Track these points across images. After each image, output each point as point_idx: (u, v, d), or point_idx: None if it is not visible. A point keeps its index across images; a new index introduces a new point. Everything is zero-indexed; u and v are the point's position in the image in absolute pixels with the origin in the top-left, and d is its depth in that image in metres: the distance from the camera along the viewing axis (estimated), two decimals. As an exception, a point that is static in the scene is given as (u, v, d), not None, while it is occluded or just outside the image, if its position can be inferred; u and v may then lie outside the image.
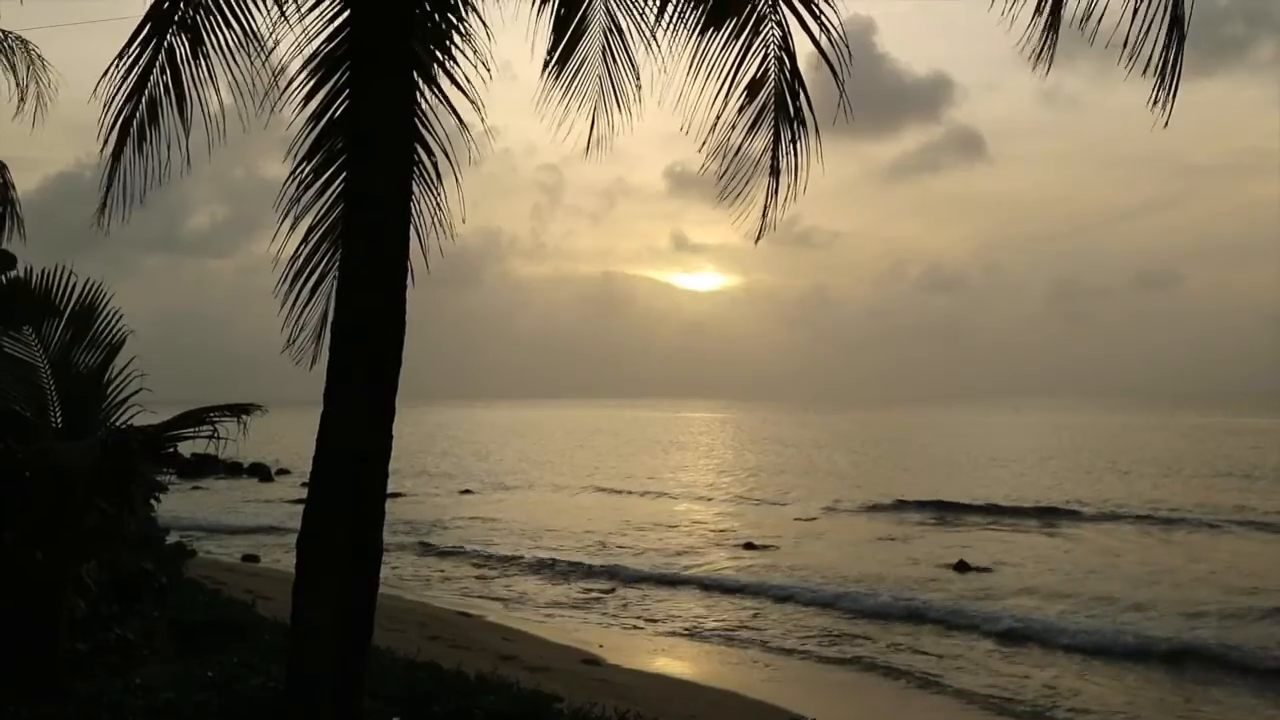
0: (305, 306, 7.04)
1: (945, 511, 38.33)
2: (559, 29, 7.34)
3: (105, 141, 6.76)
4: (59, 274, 9.10)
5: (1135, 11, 5.27)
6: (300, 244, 6.95)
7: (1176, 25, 5.24)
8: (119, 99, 6.70)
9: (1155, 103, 5.30)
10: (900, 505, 40.20)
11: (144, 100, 6.78)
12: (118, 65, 6.64)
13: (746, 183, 7.05)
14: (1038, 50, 5.55)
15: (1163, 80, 5.28)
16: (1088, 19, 5.38)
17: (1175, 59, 5.27)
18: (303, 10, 6.69)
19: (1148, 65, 5.27)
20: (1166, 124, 5.30)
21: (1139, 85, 5.31)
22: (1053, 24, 5.49)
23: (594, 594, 23.67)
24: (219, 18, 6.70)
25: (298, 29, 6.73)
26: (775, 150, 7.00)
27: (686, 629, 20.18)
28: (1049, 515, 37.22)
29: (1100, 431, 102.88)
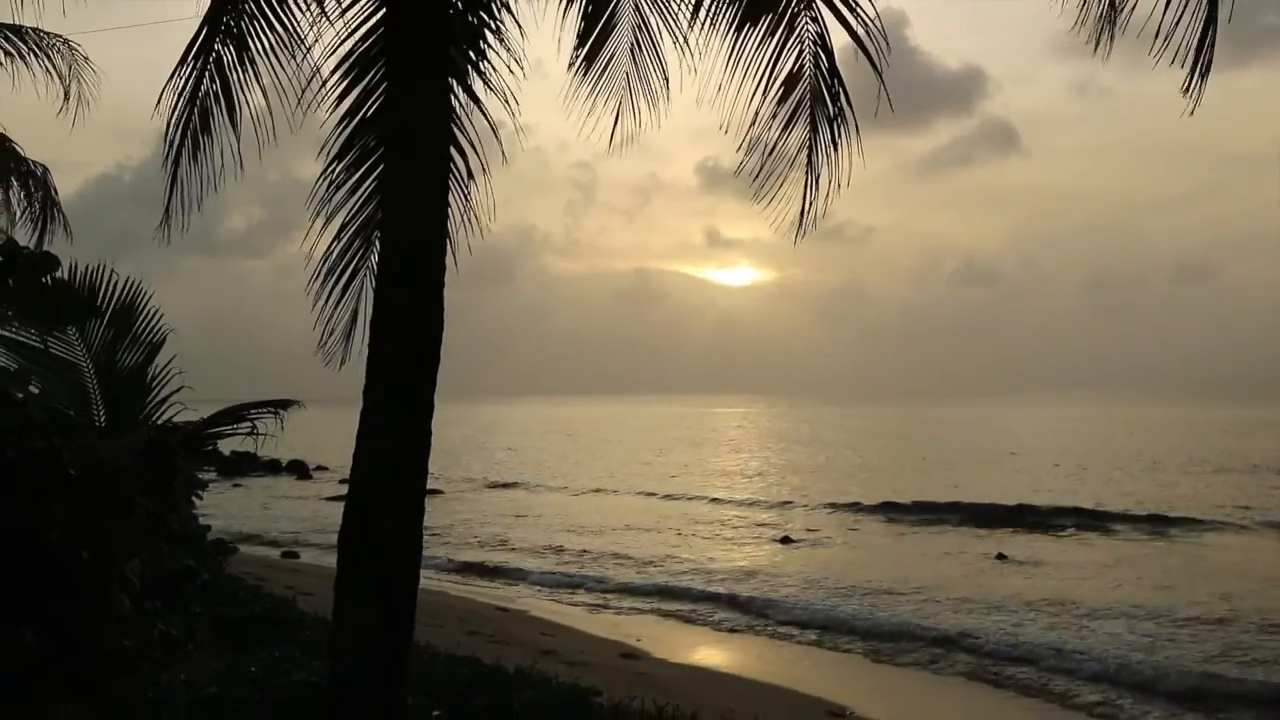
0: (337, 305, 7.04)
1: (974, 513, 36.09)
2: (587, 26, 7.35)
3: (167, 152, 6.86)
4: (100, 273, 9.20)
5: (1169, 2, 5.24)
6: (332, 242, 6.96)
7: (1212, 13, 5.20)
8: (179, 109, 6.79)
9: (1186, 90, 5.28)
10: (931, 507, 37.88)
11: (197, 109, 6.87)
12: (178, 75, 6.72)
13: (783, 180, 7.00)
14: (1094, 34, 5.50)
15: (1194, 68, 5.25)
16: (1122, 7, 5.35)
17: (1209, 47, 5.24)
18: (344, 5, 6.74)
19: (1176, 54, 5.25)
20: (1193, 112, 5.29)
21: (1173, 76, 5.30)
22: (1112, 10, 5.45)
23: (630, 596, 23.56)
24: (262, 22, 6.76)
25: (331, 30, 6.78)
26: (813, 146, 6.95)
27: (726, 624, 20.17)
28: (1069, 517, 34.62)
29: (1143, 426, 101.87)
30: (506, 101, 6.92)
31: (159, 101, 6.75)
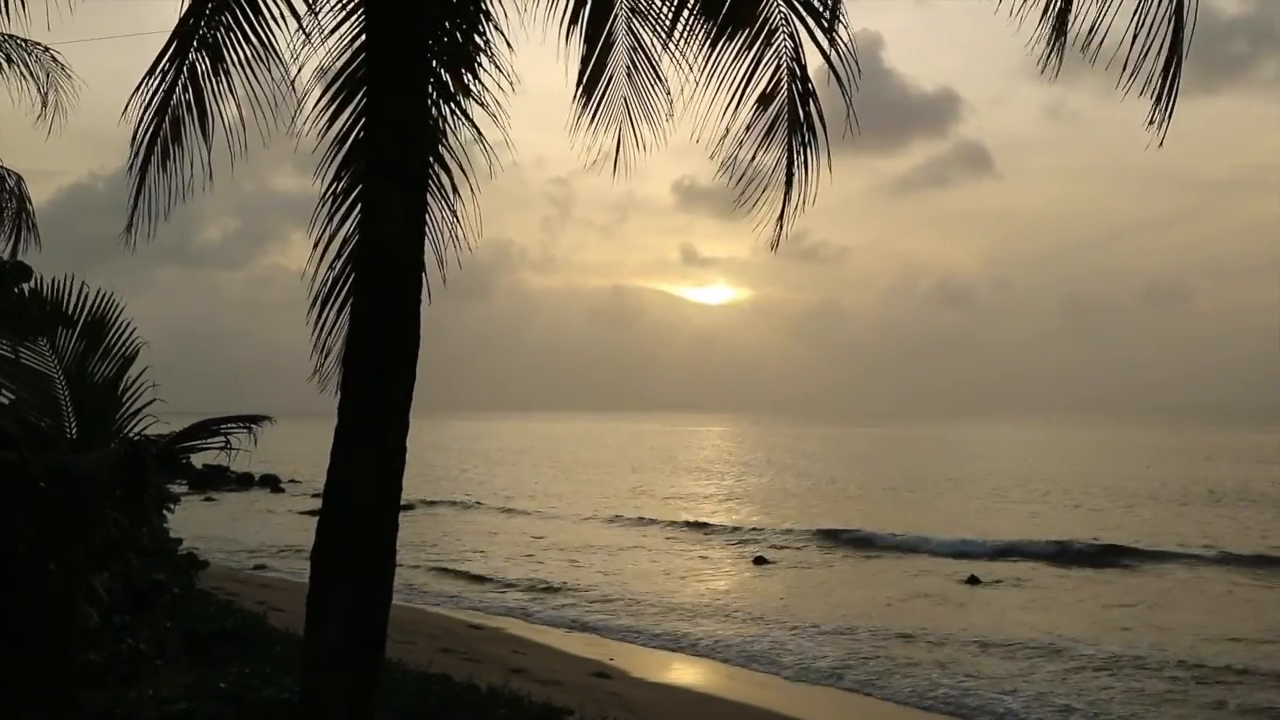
0: (334, 328, 6.94)
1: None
2: (587, 51, 7.37)
3: (134, 160, 6.82)
4: (70, 284, 9.15)
5: (1135, 36, 5.32)
6: (335, 260, 6.92)
7: (1176, 49, 5.28)
8: (147, 117, 6.76)
9: (1152, 123, 5.35)
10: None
11: (168, 118, 6.84)
12: (147, 84, 6.70)
13: (760, 194, 7.07)
14: (1044, 58, 5.57)
15: (1159, 102, 5.33)
16: (1091, 39, 5.42)
17: (1173, 81, 5.32)
18: (325, 32, 6.75)
19: (1146, 85, 5.33)
20: (1161, 144, 5.37)
21: (1143, 103, 5.37)
22: (1059, 31, 5.51)
23: (599, 612, 23.37)
24: (239, 34, 6.76)
25: (320, 51, 6.80)
26: (788, 162, 7.02)
27: (698, 642, 20.11)
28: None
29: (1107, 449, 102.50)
30: (495, 118, 6.94)
31: (126, 108, 6.73)
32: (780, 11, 6.82)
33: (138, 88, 6.70)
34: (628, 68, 7.54)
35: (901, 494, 54.21)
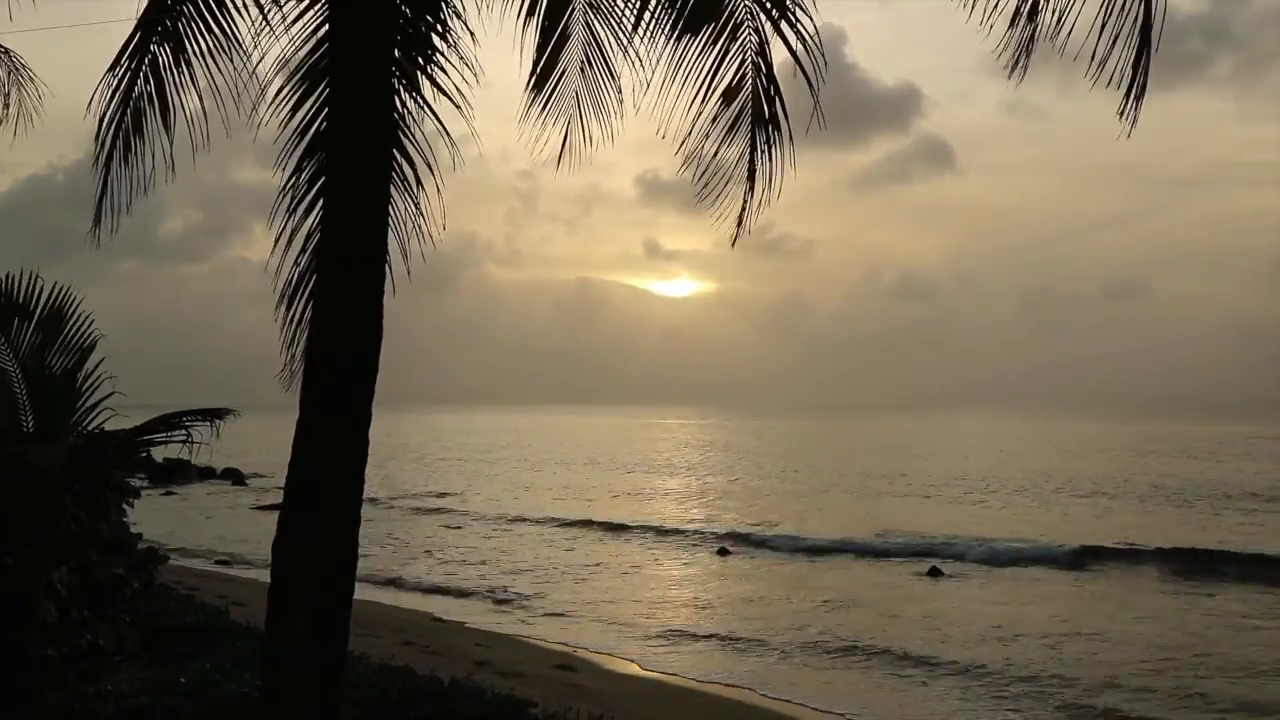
0: (300, 321, 6.85)
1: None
2: (542, 43, 7.36)
3: (98, 152, 6.76)
4: (25, 278, 9.05)
5: (1104, 25, 5.36)
6: (293, 265, 6.86)
7: (1145, 37, 5.33)
8: (111, 110, 6.70)
9: (1122, 114, 5.41)
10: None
11: (129, 110, 6.78)
12: (111, 77, 6.64)
13: (723, 188, 7.10)
14: (1012, 60, 5.61)
15: (1129, 92, 5.38)
16: (1059, 30, 5.46)
17: (1144, 72, 5.37)
18: (288, 20, 6.70)
19: (1112, 77, 5.37)
20: (1130, 134, 5.43)
21: (1103, 97, 5.41)
22: (1028, 23, 5.55)
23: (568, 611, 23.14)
24: (200, 24, 6.70)
25: (283, 40, 6.74)
26: (752, 156, 7.05)
27: (663, 634, 20.17)
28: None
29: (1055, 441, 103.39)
30: (459, 109, 6.91)
31: (91, 101, 6.67)
32: (745, 6, 6.83)
33: (103, 78, 6.64)
34: (582, 62, 7.54)
35: (835, 494, 52.79)
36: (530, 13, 7.22)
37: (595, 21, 7.44)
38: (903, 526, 36.15)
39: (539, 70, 7.45)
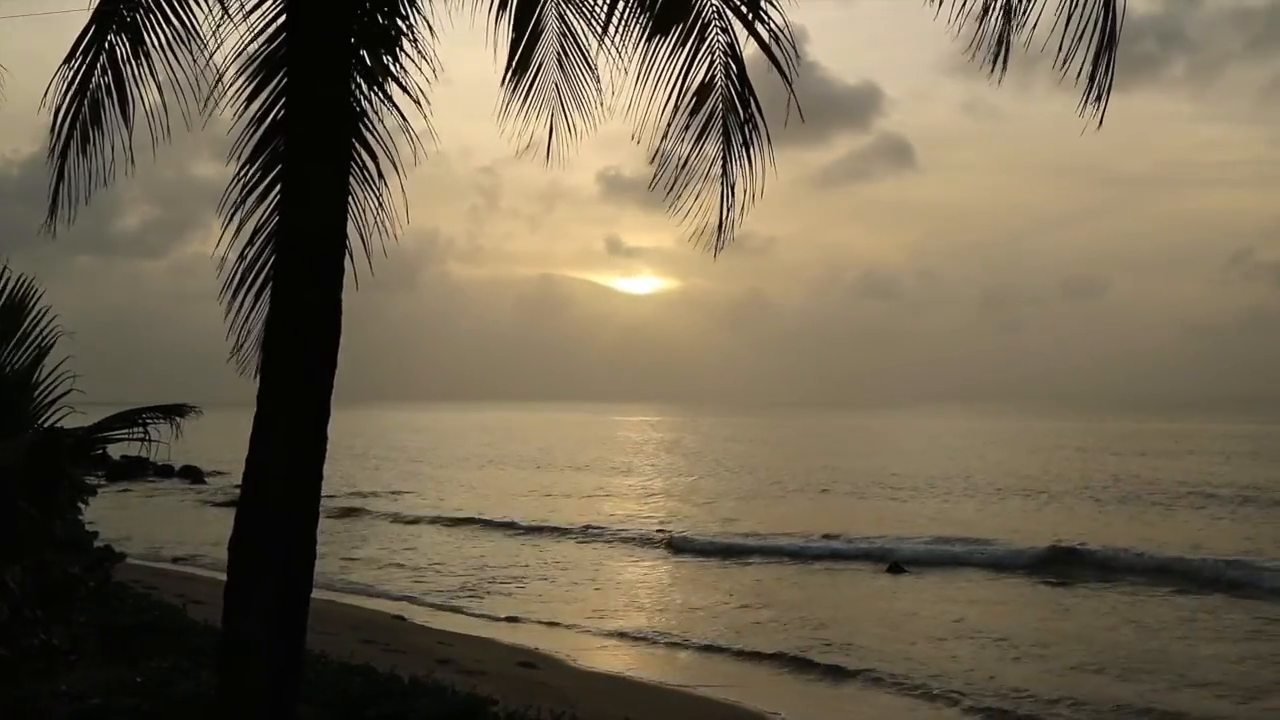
0: (250, 313, 6.85)
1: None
2: (516, 36, 7.31)
3: (54, 144, 6.69)
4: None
5: (1069, 20, 5.39)
6: (245, 246, 6.81)
7: (1108, 31, 5.37)
8: (67, 101, 6.63)
9: (1085, 108, 5.45)
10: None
11: (87, 102, 6.71)
12: (67, 69, 6.57)
13: (695, 188, 7.06)
14: (990, 56, 5.61)
15: (1093, 85, 5.41)
16: (1021, 28, 5.50)
17: (1108, 66, 5.40)
18: (246, 8, 6.65)
19: (1079, 74, 5.40)
20: (1100, 127, 5.44)
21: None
22: (1003, 29, 5.57)
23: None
24: (158, 15, 6.64)
25: (241, 28, 6.68)
26: (726, 156, 7.03)
27: (625, 631, 20.21)
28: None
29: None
30: (418, 103, 6.86)
31: (47, 93, 6.60)
32: (713, 6, 6.84)
33: (59, 69, 6.58)
34: (558, 54, 7.51)
35: (785, 493, 52.35)
36: (502, 5, 7.18)
37: (569, 13, 7.42)
38: (848, 526, 35.94)
39: (515, 63, 7.40)
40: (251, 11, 6.65)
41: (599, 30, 7.14)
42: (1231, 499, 45.02)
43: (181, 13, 6.67)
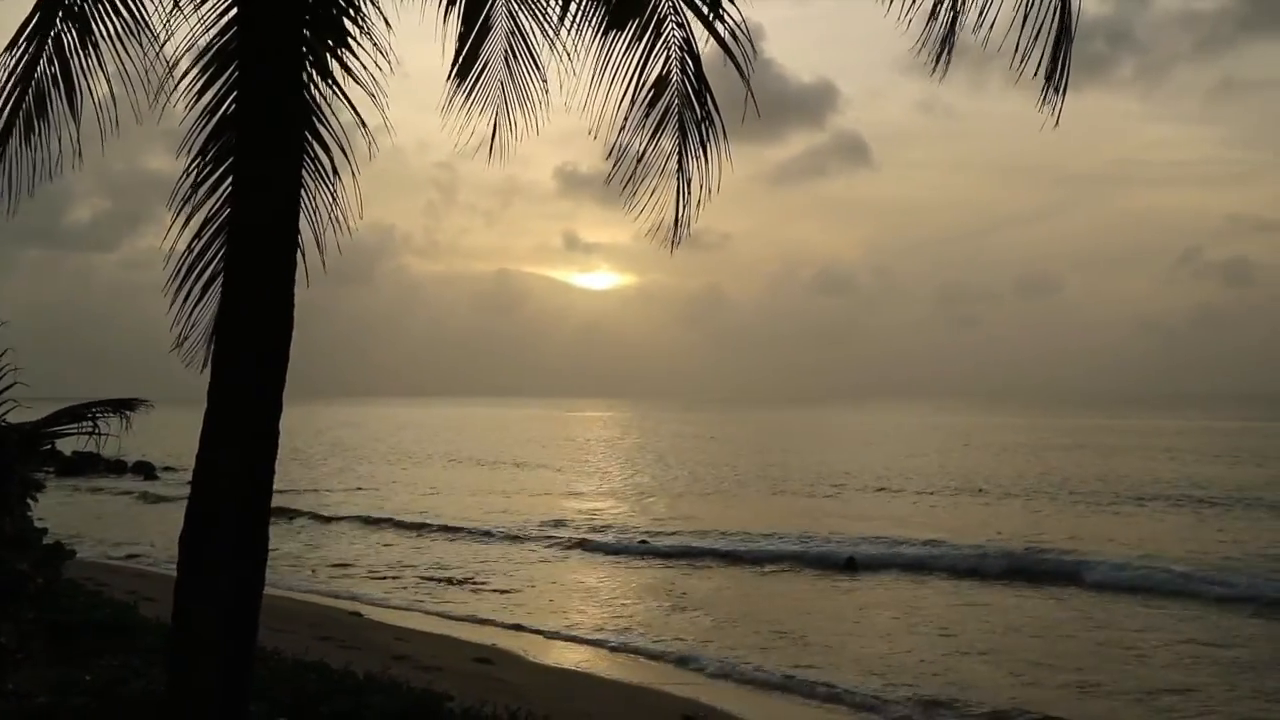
0: (197, 305, 6.82)
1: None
2: (464, 33, 7.26)
3: None
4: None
5: (1025, 17, 5.43)
6: (194, 239, 6.76)
7: (1064, 26, 5.42)
8: (8, 89, 6.53)
9: (1042, 107, 5.49)
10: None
11: (31, 91, 6.62)
12: (8, 57, 6.48)
13: (651, 184, 7.03)
14: (934, 56, 5.64)
15: (1050, 80, 5.46)
16: (978, 27, 5.53)
17: (1064, 62, 5.46)
18: (197, 0, 6.57)
19: (1037, 71, 5.45)
20: (1057, 124, 5.46)
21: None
22: (950, 28, 5.60)
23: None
24: (108, 5, 6.56)
25: (193, 19, 6.60)
26: (683, 151, 7.01)
27: (581, 627, 20.21)
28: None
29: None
30: (372, 96, 6.80)
31: None
32: (669, 2, 6.83)
33: (-1, 55, 6.48)
34: (506, 53, 7.46)
35: (735, 491, 51.84)
36: (452, 1, 7.14)
37: (519, 11, 7.39)
38: (803, 525, 35.81)
39: (462, 59, 7.35)
40: (203, 3, 6.58)
41: (552, 26, 7.11)
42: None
43: (132, 4, 6.59)
